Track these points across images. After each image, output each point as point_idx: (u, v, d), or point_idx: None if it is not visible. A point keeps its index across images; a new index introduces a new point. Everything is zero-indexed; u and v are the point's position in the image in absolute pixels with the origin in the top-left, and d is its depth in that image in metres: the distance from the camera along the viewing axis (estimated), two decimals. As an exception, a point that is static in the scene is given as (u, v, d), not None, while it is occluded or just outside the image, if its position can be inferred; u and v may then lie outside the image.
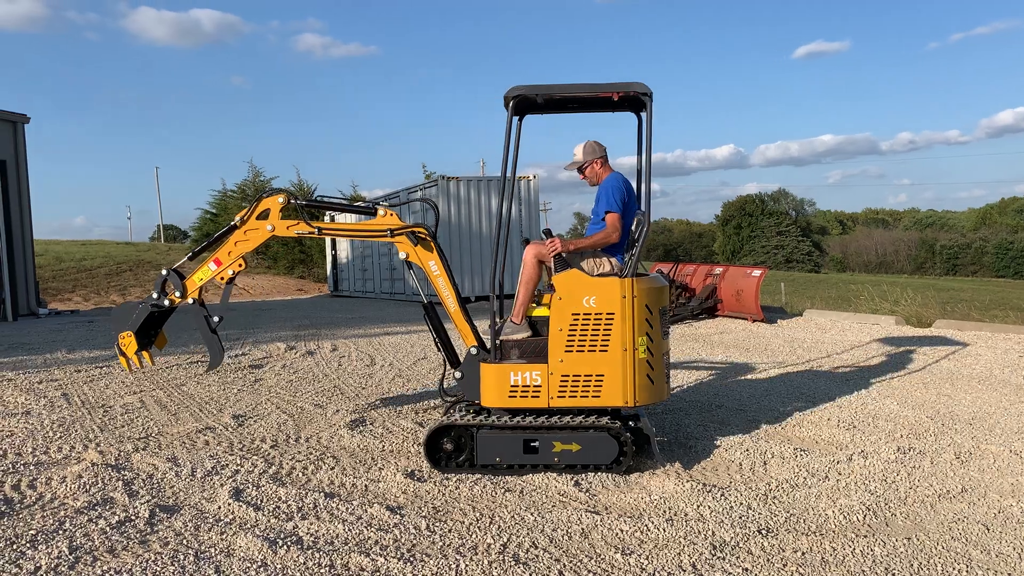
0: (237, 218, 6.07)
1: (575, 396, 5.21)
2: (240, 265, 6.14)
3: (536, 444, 5.16)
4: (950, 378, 8.30)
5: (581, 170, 5.87)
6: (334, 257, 28.28)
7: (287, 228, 5.99)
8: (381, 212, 5.87)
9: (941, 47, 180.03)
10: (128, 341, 6.23)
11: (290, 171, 66.82)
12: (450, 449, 5.24)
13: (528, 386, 5.23)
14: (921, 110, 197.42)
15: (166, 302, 6.21)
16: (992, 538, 4.10)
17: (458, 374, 5.54)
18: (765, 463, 5.41)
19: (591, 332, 5.18)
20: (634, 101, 5.63)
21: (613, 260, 5.59)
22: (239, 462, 5.54)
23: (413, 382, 8.60)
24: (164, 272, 6.21)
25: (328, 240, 28.48)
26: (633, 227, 5.63)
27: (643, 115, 5.85)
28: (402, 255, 5.86)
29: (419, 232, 5.77)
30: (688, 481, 4.99)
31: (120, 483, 5.08)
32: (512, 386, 5.24)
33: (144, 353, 6.35)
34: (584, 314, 5.18)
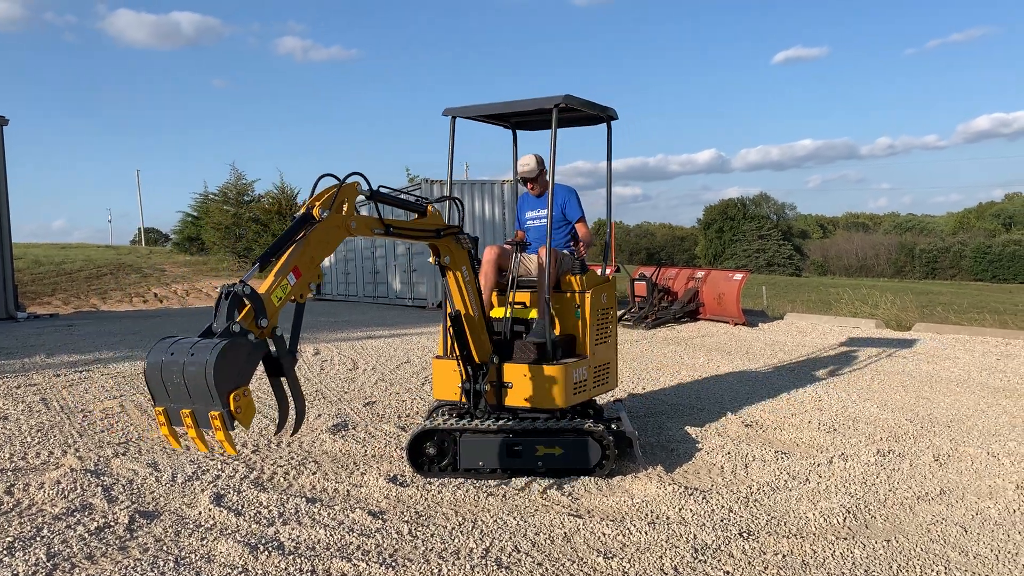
0: (317, 211, 4.23)
1: (598, 385, 5.73)
2: (320, 276, 4.96)
3: (519, 448, 5.17)
4: (929, 381, 8.38)
5: (533, 179, 6.04)
6: (316, 260, 28.20)
7: (365, 226, 4.50)
8: (430, 209, 5.14)
9: (918, 53, 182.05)
10: (246, 402, 3.58)
11: (273, 174, 66.66)
12: (433, 454, 5.23)
13: (583, 381, 5.51)
14: (899, 115, 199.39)
15: (252, 336, 3.71)
16: (970, 539, 4.14)
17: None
18: (746, 466, 5.44)
19: (606, 325, 5.87)
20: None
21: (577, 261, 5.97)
22: (220, 467, 5.50)
23: (396, 386, 8.58)
24: (237, 287, 3.70)
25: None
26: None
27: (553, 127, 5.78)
28: (433, 259, 5.11)
29: (461, 236, 5.28)
30: (670, 484, 5.01)
31: (99, 489, 5.03)
32: (575, 383, 5.38)
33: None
34: (602, 309, 5.82)
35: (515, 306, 5.66)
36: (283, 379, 4.03)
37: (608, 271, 6.21)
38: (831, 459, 5.54)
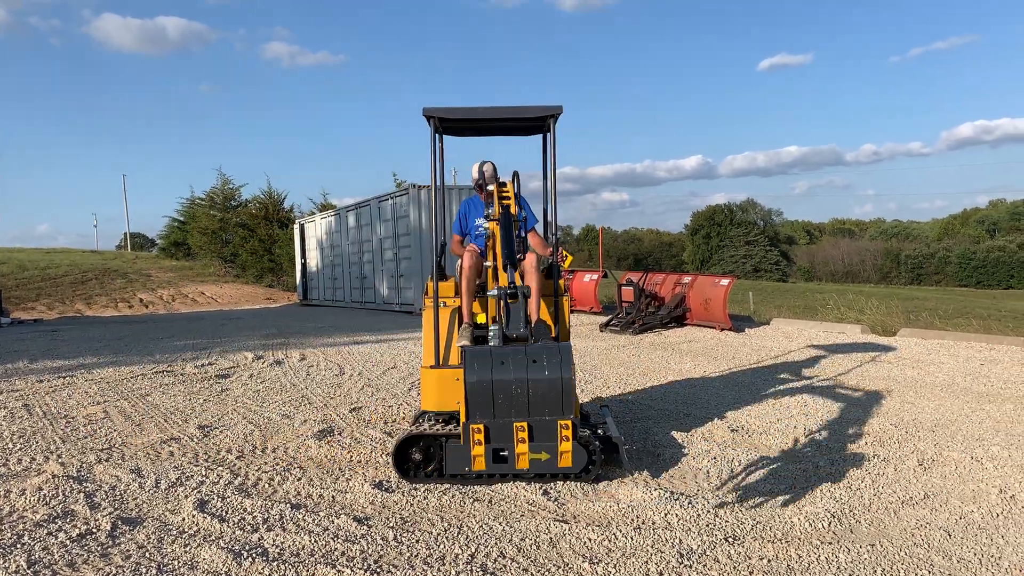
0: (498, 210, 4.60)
1: None
2: None
3: (505, 453, 5.15)
4: (913, 386, 8.43)
5: (486, 187, 6.04)
6: (304, 265, 28.09)
7: None
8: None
9: (901, 61, 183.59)
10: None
11: (260, 179, 66.42)
12: (419, 459, 5.22)
13: None
14: (884, 122, 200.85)
15: None
16: (954, 544, 4.16)
17: None
18: (732, 471, 5.45)
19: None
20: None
21: None
22: (204, 473, 5.46)
23: (382, 391, 8.55)
24: (521, 288, 4.06)
25: (297, 248, 28.28)
26: None
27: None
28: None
29: None
30: (656, 489, 5.01)
31: (81, 495, 4.99)
32: None
33: None
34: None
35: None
36: None
37: (596, 276, 6.30)
38: (817, 464, 5.56)
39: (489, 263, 5.73)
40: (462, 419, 3.91)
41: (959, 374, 9.07)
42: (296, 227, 28.75)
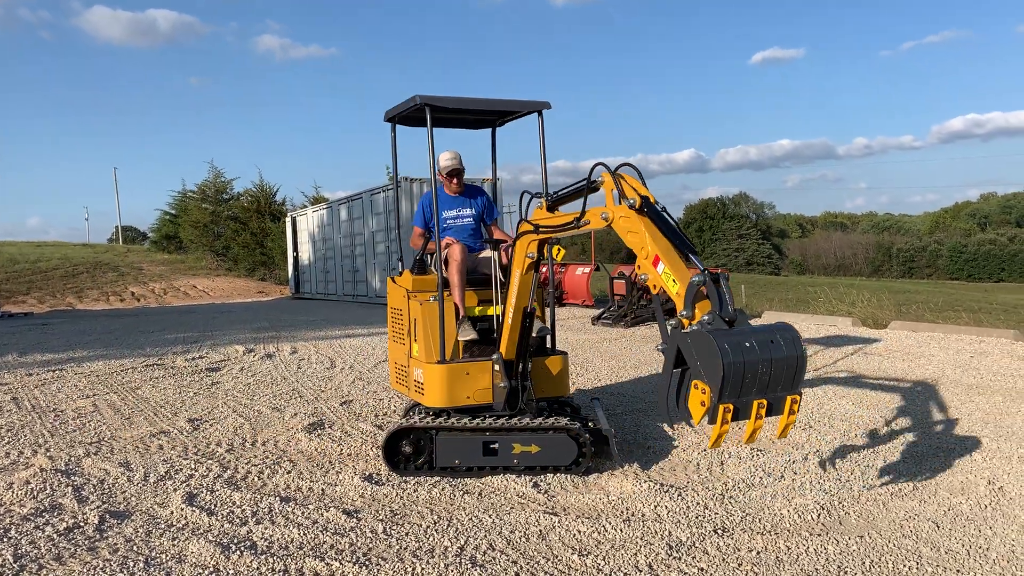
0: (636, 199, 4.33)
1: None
2: None
3: (495, 446, 5.15)
4: (904, 378, 8.45)
5: (459, 175, 6.05)
6: (295, 259, 28.01)
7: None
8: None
9: (893, 55, 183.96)
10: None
11: (252, 172, 66.18)
12: (409, 452, 5.20)
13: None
14: (876, 116, 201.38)
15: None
16: (942, 535, 4.17)
17: None
18: (722, 463, 5.46)
19: None
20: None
21: None
22: (193, 466, 5.44)
23: (374, 384, 8.54)
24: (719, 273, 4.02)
25: (289, 241, 28.19)
26: None
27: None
28: (534, 256, 5.13)
29: None
30: (646, 482, 5.01)
31: (69, 489, 4.96)
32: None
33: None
34: None
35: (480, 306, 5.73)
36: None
37: (588, 269, 6.30)
38: (806, 456, 5.57)
39: (490, 254, 5.71)
40: (662, 404, 4.03)
41: (949, 366, 9.10)
42: (288, 220, 28.65)
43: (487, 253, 5.90)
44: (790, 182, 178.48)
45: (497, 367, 5.32)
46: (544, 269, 5.42)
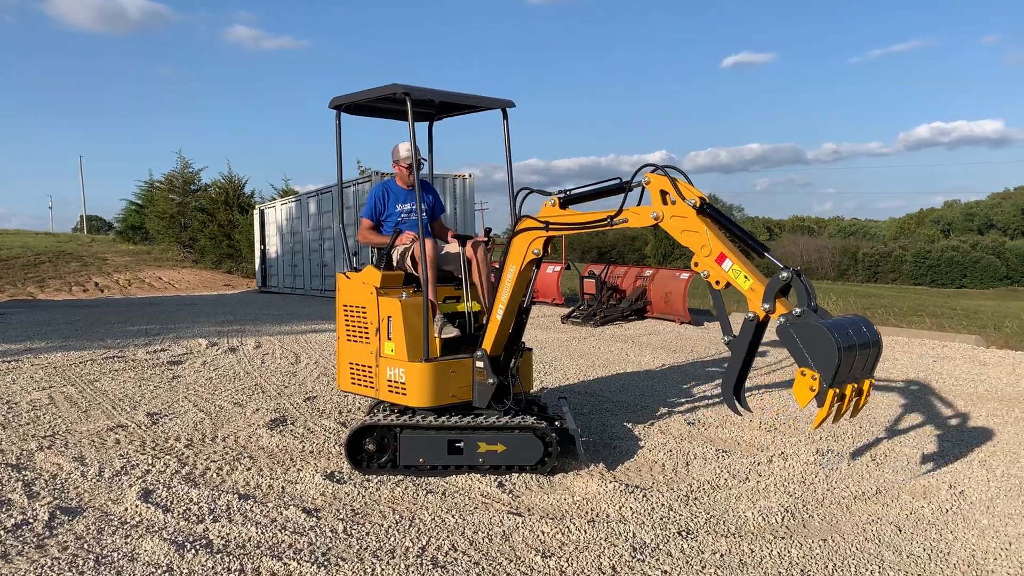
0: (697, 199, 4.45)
1: None
2: None
3: (460, 445, 5.09)
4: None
5: (411, 169, 5.82)
6: (263, 252, 27.67)
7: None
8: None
9: (862, 62, 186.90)
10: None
11: (220, 163, 65.35)
12: (372, 450, 5.12)
13: None
14: (844, 122, 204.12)
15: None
16: (904, 539, 4.18)
17: None
18: (687, 464, 5.44)
19: None
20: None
21: None
22: (150, 462, 5.32)
23: (338, 380, 8.42)
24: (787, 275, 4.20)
25: (257, 234, 27.84)
26: None
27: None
28: (539, 253, 5.09)
29: None
30: (611, 482, 4.98)
31: (20, 484, 4.82)
32: None
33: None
34: None
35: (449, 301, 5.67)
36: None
37: (559, 267, 6.27)
38: (771, 458, 5.57)
39: (456, 250, 5.65)
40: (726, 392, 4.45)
41: (912, 370, 9.19)
42: (256, 213, 28.28)
43: (449, 248, 5.84)
44: (759, 185, 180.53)
45: (480, 364, 5.24)
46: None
